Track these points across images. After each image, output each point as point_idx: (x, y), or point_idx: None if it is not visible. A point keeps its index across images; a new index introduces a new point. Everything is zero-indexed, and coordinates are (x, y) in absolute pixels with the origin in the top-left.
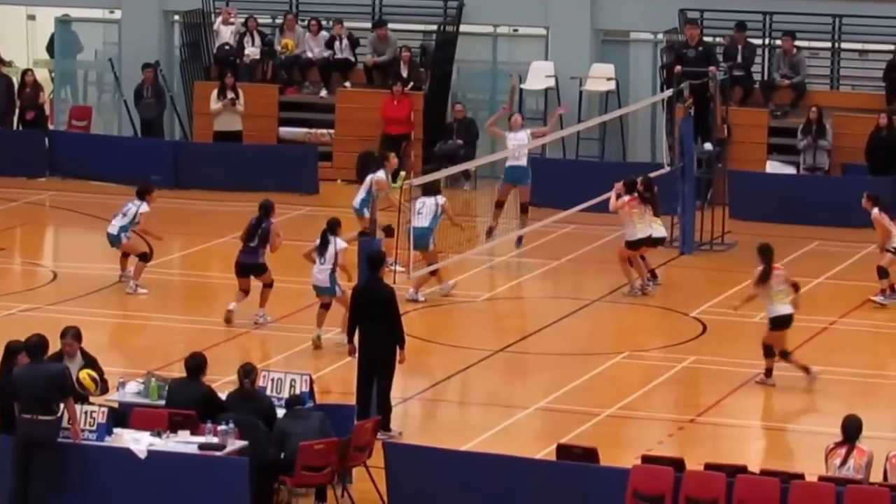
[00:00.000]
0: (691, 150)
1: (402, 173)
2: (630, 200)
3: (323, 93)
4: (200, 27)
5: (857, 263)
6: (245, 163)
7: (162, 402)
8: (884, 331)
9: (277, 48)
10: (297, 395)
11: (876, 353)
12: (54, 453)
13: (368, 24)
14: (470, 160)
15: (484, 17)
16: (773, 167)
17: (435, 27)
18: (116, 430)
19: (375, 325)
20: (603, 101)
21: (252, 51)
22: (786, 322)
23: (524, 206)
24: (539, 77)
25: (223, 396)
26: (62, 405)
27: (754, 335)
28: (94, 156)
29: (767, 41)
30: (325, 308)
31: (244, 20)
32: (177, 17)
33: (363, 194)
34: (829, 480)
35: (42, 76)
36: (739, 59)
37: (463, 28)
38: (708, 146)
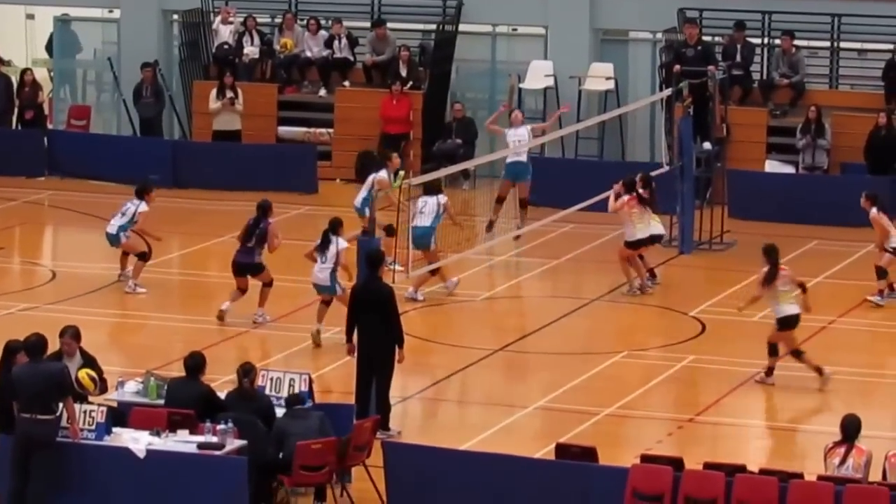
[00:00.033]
0: (690, 150)
1: (401, 172)
2: (629, 200)
3: (322, 92)
4: (199, 26)
5: (856, 263)
6: (244, 162)
7: (161, 402)
8: (882, 330)
9: (276, 47)
10: (297, 394)
11: (875, 353)
12: (53, 452)
13: (367, 24)
14: (469, 159)
15: (483, 16)
16: (772, 166)
17: (434, 26)
18: (115, 430)
19: (374, 324)
20: (602, 101)
21: (251, 50)
22: (793, 322)
23: (523, 202)
24: (538, 76)
25: (222, 396)
26: (61, 404)
27: (753, 334)
28: (93, 155)
29: (766, 40)
30: (325, 304)
31: (243, 19)
32: (176, 17)
33: (365, 193)
34: (828, 480)
35: (41, 75)
36: (738, 59)
37: (462, 27)
38: (707, 145)
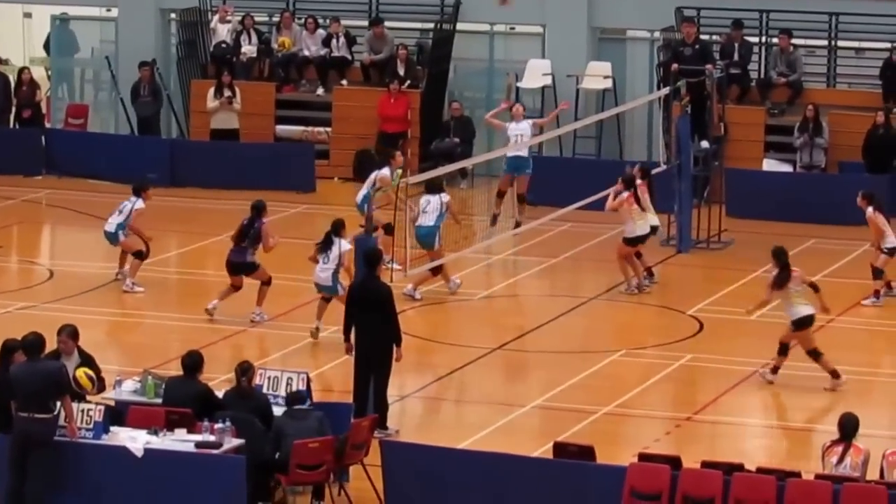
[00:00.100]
0: (688, 148)
1: (399, 171)
2: (629, 197)
3: (320, 91)
4: (197, 25)
5: (854, 261)
6: (242, 161)
7: (159, 401)
8: (880, 329)
9: (274, 46)
10: (297, 393)
11: (872, 351)
12: (51, 451)
13: (365, 22)
14: (467, 158)
15: (480, 15)
16: (770, 165)
17: (432, 25)
18: (113, 429)
19: (372, 323)
20: (600, 99)
21: (249, 49)
22: (808, 322)
23: (521, 197)
24: (536, 75)
25: (220, 394)
26: (59, 403)
27: (751, 333)
28: (91, 154)
29: (764, 39)
30: (325, 301)
31: (241, 18)
32: (173, 16)
33: (366, 190)
34: (826, 478)
35: (39, 74)
36: (736, 57)
37: (459, 26)
38: (705, 144)
